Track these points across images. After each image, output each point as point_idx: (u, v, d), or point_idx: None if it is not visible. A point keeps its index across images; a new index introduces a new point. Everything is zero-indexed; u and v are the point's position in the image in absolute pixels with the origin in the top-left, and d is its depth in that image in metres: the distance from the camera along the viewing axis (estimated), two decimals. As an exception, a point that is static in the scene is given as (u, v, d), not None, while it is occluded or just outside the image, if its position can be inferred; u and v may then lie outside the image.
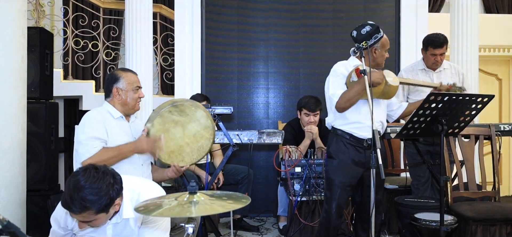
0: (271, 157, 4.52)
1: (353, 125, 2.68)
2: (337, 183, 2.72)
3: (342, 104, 2.64)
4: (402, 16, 4.66)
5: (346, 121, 2.70)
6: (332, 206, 2.75)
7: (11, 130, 2.88)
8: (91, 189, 1.66)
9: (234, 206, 1.50)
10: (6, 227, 1.16)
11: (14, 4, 2.91)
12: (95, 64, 5.42)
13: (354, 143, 2.68)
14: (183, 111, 2.58)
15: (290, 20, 4.68)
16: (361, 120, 2.66)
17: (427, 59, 3.42)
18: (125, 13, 4.34)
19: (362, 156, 2.67)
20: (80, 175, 1.69)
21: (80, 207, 1.67)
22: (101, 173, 1.71)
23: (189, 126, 2.60)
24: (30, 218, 3.24)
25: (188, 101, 2.64)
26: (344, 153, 2.70)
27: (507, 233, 2.78)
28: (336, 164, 2.73)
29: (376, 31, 2.65)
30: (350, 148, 2.69)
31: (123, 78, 2.50)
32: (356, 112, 2.67)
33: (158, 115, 2.54)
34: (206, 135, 2.64)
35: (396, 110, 2.95)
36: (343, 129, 2.72)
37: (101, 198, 1.68)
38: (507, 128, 3.16)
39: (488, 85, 5.97)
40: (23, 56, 3.00)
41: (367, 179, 2.67)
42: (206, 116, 2.63)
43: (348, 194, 2.79)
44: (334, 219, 2.76)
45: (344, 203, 2.78)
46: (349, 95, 2.60)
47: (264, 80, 4.69)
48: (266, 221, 4.39)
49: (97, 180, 1.68)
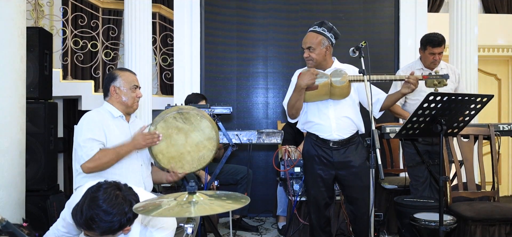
0: (270, 157, 4.52)
1: (315, 127, 2.71)
2: (310, 182, 2.77)
3: (289, 112, 2.74)
4: (401, 16, 4.66)
5: (310, 124, 2.74)
6: (309, 208, 2.84)
7: (10, 130, 2.88)
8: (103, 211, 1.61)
9: (233, 206, 1.50)
10: (5, 227, 1.16)
11: (13, 4, 2.91)
12: (94, 64, 5.42)
13: (320, 144, 2.70)
14: (188, 120, 2.56)
15: (289, 20, 4.68)
16: (321, 122, 2.68)
17: (425, 58, 3.42)
18: (124, 13, 4.34)
19: (329, 156, 2.68)
20: (102, 192, 1.64)
21: (85, 223, 1.63)
22: (121, 198, 1.66)
23: (193, 134, 2.57)
24: (29, 218, 3.23)
25: (194, 110, 2.60)
26: (312, 153, 2.73)
27: (506, 233, 2.78)
28: (306, 163, 2.80)
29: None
30: (317, 148, 2.71)
31: (120, 77, 2.50)
32: (316, 115, 2.70)
33: (162, 120, 2.52)
34: (208, 146, 2.61)
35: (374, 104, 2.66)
36: (309, 130, 2.77)
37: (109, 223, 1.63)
38: (506, 127, 3.16)
39: (487, 85, 5.98)
40: (22, 56, 3.00)
41: (342, 179, 2.71)
42: (211, 127, 2.59)
43: (322, 194, 2.74)
44: (315, 218, 2.78)
45: (320, 200, 2.74)
46: (290, 102, 2.69)
47: (263, 80, 4.69)
48: (265, 221, 4.39)
49: (113, 206, 1.62)
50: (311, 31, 2.68)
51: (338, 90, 2.57)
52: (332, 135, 2.66)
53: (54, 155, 3.81)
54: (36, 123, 3.55)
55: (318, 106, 2.68)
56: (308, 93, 2.60)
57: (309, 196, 2.83)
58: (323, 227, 2.80)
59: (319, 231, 2.80)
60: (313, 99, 2.64)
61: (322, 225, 2.80)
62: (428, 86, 2.68)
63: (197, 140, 2.59)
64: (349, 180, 2.69)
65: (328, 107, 2.67)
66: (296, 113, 2.71)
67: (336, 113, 2.66)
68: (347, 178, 2.69)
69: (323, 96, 2.61)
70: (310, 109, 2.73)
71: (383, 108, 2.77)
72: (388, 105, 2.78)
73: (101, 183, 1.69)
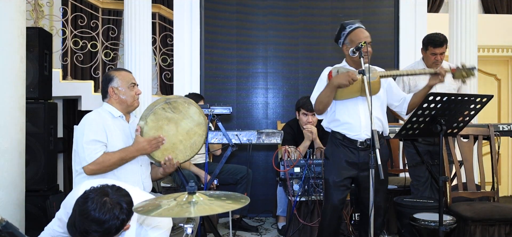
0: (270, 157, 4.52)
1: (343, 125, 2.67)
2: (331, 183, 2.71)
3: (316, 107, 2.72)
4: (400, 17, 4.66)
5: (337, 123, 2.70)
6: (327, 206, 2.76)
7: (9, 130, 2.88)
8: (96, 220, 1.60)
9: (233, 206, 1.50)
10: (5, 227, 1.16)
11: (13, 4, 2.91)
12: (94, 64, 5.41)
13: (347, 144, 2.66)
14: (176, 108, 2.57)
15: (289, 20, 4.68)
16: (350, 120, 2.64)
17: (427, 59, 3.42)
18: (124, 13, 4.34)
19: (356, 157, 2.64)
20: (90, 203, 1.62)
21: (81, 234, 1.63)
22: (109, 204, 1.63)
23: (182, 122, 2.58)
24: (29, 218, 3.23)
25: (181, 98, 2.62)
26: (337, 153, 2.69)
27: (506, 233, 2.78)
28: (330, 164, 2.74)
29: (341, 29, 2.65)
30: (343, 148, 2.67)
31: (117, 77, 2.49)
32: (345, 113, 2.66)
33: (152, 112, 2.52)
34: (198, 131, 2.62)
35: (401, 105, 2.81)
36: (336, 129, 2.72)
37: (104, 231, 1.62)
38: (506, 128, 3.17)
39: (487, 85, 5.98)
40: (22, 57, 3.00)
41: (363, 181, 2.65)
42: (198, 113, 2.62)
43: (343, 195, 2.71)
44: (329, 219, 2.73)
45: (339, 203, 2.72)
46: (319, 98, 2.66)
47: (263, 81, 4.69)
48: (265, 221, 4.39)
49: (104, 213, 1.61)
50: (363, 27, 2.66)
51: (373, 86, 2.55)
52: (361, 134, 2.62)
53: (54, 155, 3.81)
54: (36, 123, 3.55)
55: (347, 105, 2.65)
56: (340, 91, 2.59)
57: (331, 200, 2.70)
58: (335, 228, 2.78)
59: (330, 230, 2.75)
60: (345, 96, 2.60)
61: (335, 225, 2.77)
62: (456, 78, 2.74)
63: (187, 127, 2.59)
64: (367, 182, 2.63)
65: (357, 106, 2.63)
66: (323, 109, 2.69)
67: (366, 112, 2.61)
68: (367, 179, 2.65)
69: (355, 93, 2.59)
70: (339, 108, 2.69)
71: (411, 106, 2.75)
72: (416, 103, 2.70)
73: (87, 193, 1.67)
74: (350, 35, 2.64)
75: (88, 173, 2.33)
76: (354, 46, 2.56)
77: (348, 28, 2.64)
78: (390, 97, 2.80)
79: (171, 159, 2.55)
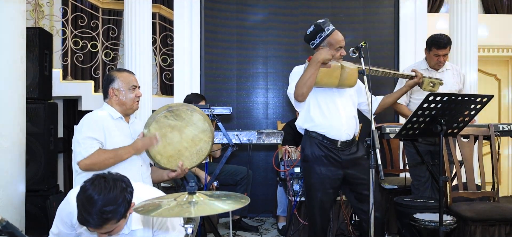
0: (270, 157, 4.53)
1: (321, 126, 2.63)
2: (316, 185, 2.64)
3: (299, 91, 2.57)
4: (401, 17, 4.66)
5: (314, 123, 2.65)
6: (314, 212, 2.68)
7: (10, 130, 2.88)
8: (107, 200, 1.59)
9: (233, 206, 1.50)
10: (5, 227, 1.16)
11: (13, 4, 2.91)
12: (94, 64, 5.42)
13: (327, 144, 2.62)
14: (179, 116, 2.56)
15: (289, 20, 4.68)
16: (331, 120, 2.61)
17: (430, 59, 3.42)
18: (124, 13, 4.34)
19: (337, 156, 2.62)
20: (91, 190, 1.61)
21: (100, 221, 1.60)
22: (111, 180, 1.64)
23: (186, 130, 2.58)
24: (29, 218, 3.23)
25: (183, 105, 2.61)
26: (318, 153, 2.63)
27: (506, 233, 2.78)
28: (312, 166, 2.66)
29: (319, 30, 2.61)
30: (324, 149, 2.63)
31: (118, 79, 2.49)
32: (320, 115, 2.63)
33: (154, 120, 2.53)
34: (204, 138, 2.62)
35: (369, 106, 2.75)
36: (315, 130, 2.66)
37: (120, 206, 1.62)
38: (506, 128, 3.16)
39: (487, 85, 5.97)
40: (22, 57, 3.00)
41: (353, 177, 2.64)
42: (203, 119, 2.61)
43: (330, 196, 2.67)
44: (320, 222, 2.68)
45: (328, 204, 2.68)
46: (302, 78, 2.55)
47: (263, 81, 4.69)
48: (265, 221, 4.39)
49: (110, 190, 1.61)
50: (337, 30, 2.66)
51: (348, 74, 2.56)
52: (342, 134, 2.61)
53: (54, 155, 3.82)
54: (36, 123, 3.56)
55: (321, 106, 2.63)
56: (320, 75, 2.53)
57: (315, 199, 2.67)
58: (325, 229, 2.76)
59: (321, 233, 2.72)
60: (323, 80, 2.55)
61: (325, 227, 2.75)
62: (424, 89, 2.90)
63: (191, 134, 2.59)
64: (358, 177, 2.63)
65: (335, 101, 2.63)
66: (307, 91, 2.56)
67: (346, 112, 2.64)
68: (356, 175, 2.63)
69: (334, 79, 2.56)
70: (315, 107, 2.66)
71: (382, 106, 2.85)
72: (389, 103, 2.85)
73: (84, 184, 1.66)
74: (329, 38, 2.61)
75: (82, 168, 2.31)
76: (333, 49, 2.59)
77: (327, 31, 2.61)
78: (360, 99, 2.81)
79: (182, 165, 2.57)
